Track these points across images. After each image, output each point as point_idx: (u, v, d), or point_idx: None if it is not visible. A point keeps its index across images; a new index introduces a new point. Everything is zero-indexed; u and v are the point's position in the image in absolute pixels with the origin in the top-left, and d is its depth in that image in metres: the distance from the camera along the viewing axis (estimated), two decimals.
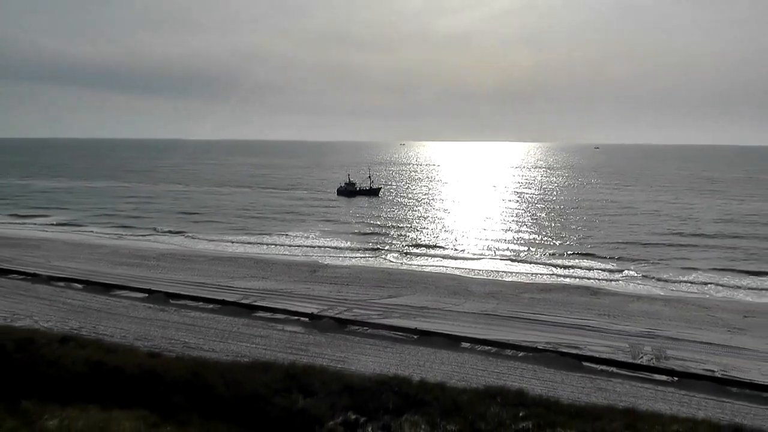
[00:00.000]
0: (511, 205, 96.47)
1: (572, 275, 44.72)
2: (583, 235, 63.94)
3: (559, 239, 61.33)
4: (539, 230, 67.60)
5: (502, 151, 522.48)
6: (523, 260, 50.72)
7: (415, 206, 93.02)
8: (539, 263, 49.54)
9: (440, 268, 47.13)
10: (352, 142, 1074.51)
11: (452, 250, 55.90)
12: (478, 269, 46.34)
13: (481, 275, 43.76)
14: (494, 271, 45.83)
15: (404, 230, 67.34)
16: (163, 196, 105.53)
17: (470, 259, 51.51)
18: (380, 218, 77.41)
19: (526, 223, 74.81)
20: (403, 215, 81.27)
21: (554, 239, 61.41)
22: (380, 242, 59.03)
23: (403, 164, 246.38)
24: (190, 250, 53.31)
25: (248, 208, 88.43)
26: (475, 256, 52.87)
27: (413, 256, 52.92)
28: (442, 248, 56.66)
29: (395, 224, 72.03)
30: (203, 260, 46.22)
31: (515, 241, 60.99)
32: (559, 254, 53.09)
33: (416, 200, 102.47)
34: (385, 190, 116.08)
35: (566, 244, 58.63)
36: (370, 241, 59.75)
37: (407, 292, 35.80)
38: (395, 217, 79.51)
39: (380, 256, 52.43)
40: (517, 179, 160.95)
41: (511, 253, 54.15)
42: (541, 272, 46.04)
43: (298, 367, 17.13)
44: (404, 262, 49.91)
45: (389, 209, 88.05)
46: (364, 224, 71.46)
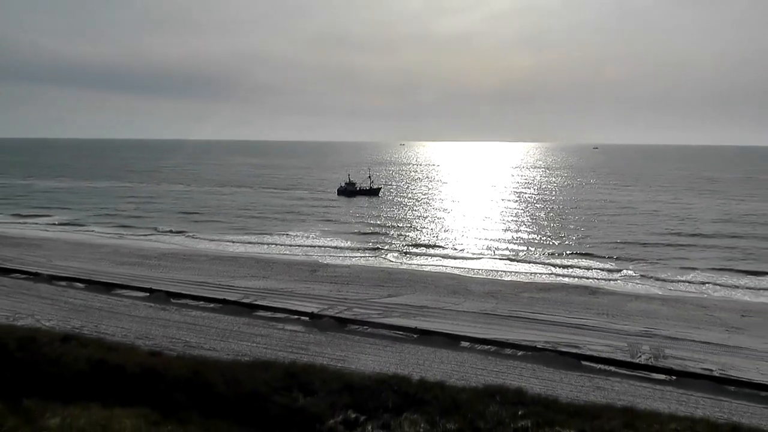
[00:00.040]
0: (510, 205, 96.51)
1: (571, 275, 44.80)
2: (581, 234, 64.00)
3: (558, 239, 61.41)
4: (538, 230, 67.68)
5: (501, 151, 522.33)
6: (522, 260, 50.83)
7: (414, 206, 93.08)
8: (538, 263, 49.64)
9: (440, 267, 47.21)
10: (352, 142, 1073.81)
11: (452, 249, 55.98)
12: (477, 269, 46.43)
13: (480, 275, 43.82)
14: (493, 270, 45.92)
15: (404, 230, 67.41)
16: (164, 196, 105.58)
17: (470, 258, 51.62)
18: (380, 218, 77.48)
19: (525, 222, 74.88)
20: (402, 215, 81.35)
21: (553, 239, 61.49)
22: (380, 242, 59.11)
23: (403, 164, 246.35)
24: (191, 249, 53.37)
25: (249, 207, 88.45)
26: (474, 255, 52.96)
27: (413, 255, 53.02)
28: (441, 248, 56.74)
29: (395, 224, 72.13)
30: (204, 260, 46.29)
31: (514, 240, 61.07)
32: (558, 254, 53.17)
33: (416, 200, 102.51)
34: (385, 190, 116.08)
35: (565, 243, 58.71)
36: (370, 240, 59.83)
37: (407, 291, 35.87)
38: (395, 216, 79.59)
39: (380, 255, 52.52)
40: (516, 179, 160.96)
41: (510, 252, 54.24)
42: (540, 272, 46.15)
43: (298, 365, 17.20)
44: (404, 261, 50.00)
45: (389, 209, 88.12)
46: (364, 224, 71.54)
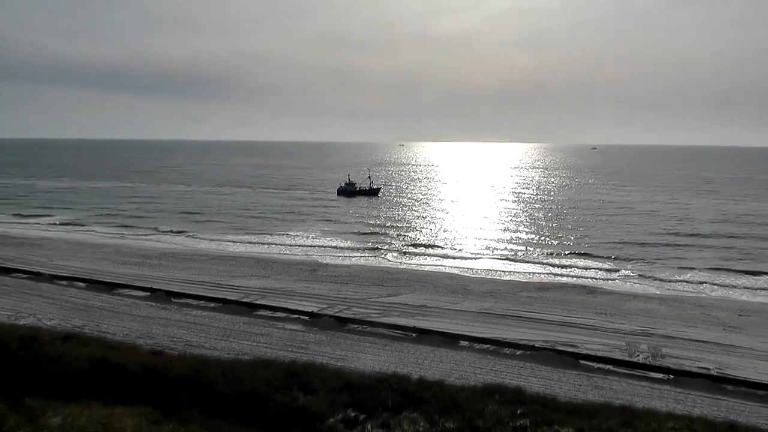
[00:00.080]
0: (509, 205, 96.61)
1: (569, 274, 44.93)
2: (580, 234, 64.12)
3: (556, 239, 61.51)
4: (537, 230, 67.79)
5: (500, 151, 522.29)
6: (520, 259, 50.94)
7: (414, 206, 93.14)
8: (537, 262, 49.75)
9: (439, 267, 47.31)
10: (352, 142, 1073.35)
11: (451, 249, 56.07)
12: (476, 268, 46.54)
13: (479, 274, 43.94)
14: (492, 270, 46.02)
15: (403, 230, 67.51)
16: (165, 196, 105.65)
17: (469, 258, 51.72)
18: (380, 218, 77.58)
19: (523, 222, 74.97)
20: (402, 215, 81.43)
21: (551, 239, 61.61)
22: (380, 242, 59.20)
23: (402, 165, 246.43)
24: (191, 249, 53.45)
25: (249, 208, 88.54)
26: (473, 255, 53.06)
27: (412, 255, 53.12)
28: (440, 248, 56.83)
29: (394, 224, 72.23)
30: (205, 259, 46.40)
31: (513, 240, 61.17)
32: (556, 254, 53.29)
33: (415, 200, 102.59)
34: (384, 190, 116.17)
35: (563, 243, 58.82)
36: (369, 240, 59.93)
37: (406, 290, 35.98)
38: (394, 216, 79.67)
39: (380, 255, 52.61)
40: (515, 179, 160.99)
41: (508, 252, 54.36)
42: (538, 271, 46.27)
43: (298, 364, 17.25)
44: (403, 261, 50.10)
45: (389, 209, 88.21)
46: (363, 224, 71.64)
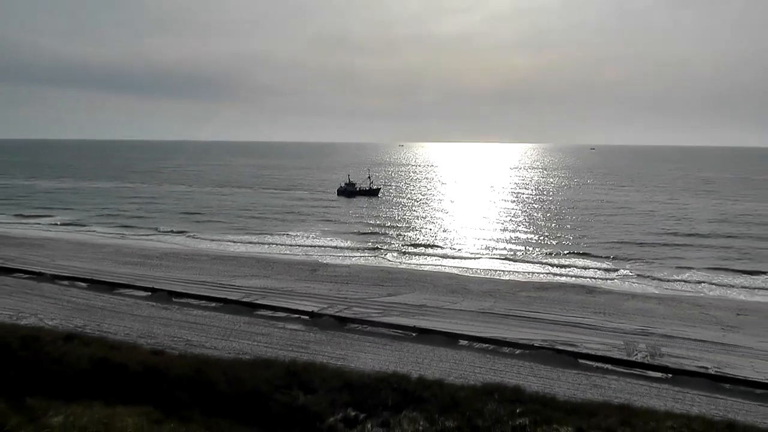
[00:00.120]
0: (508, 205, 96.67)
1: (568, 274, 45.03)
2: (578, 234, 64.20)
3: (555, 239, 61.60)
4: (536, 230, 67.88)
5: (500, 152, 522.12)
6: (519, 259, 51.03)
7: (413, 206, 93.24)
8: (536, 262, 49.85)
9: (438, 267, 47.38)
10: (352, 143, 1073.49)
11: (450, 249, 56.16)
12: (475, 268, 46.63)
13: (478, 274, 44.04)
14: (492, 270, 46.12)
15: (403, 230, 67.59)
16: (166, 196, 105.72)
17: (468, 258, 51.80)
18: (379, 218, 77.64)
19: (522, 223, 75.04)
20: (402, 215, 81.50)
21: (550, 239, 61.70)
22: (379, 242, 59.29)
23: (402, 165, 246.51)
24: (192, 249, 53.52)
25: (250, 208, 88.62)
26: (472, 255, 53.15)
27: (412, 255, 53.20)
28: (440, 247, 56.92)
29: (394, 224, 72.31)
30: (205, 259, 46.47)
31: (512, 240, 61.25)
32: (555, 253, 53.37)
33: (415, 200, 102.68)
34: (384, 190, 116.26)
35: (562, 243, 58.91)
36: (369, 240, 60.01)
37: (406, 290, 36.06)
38: (394, 217, 79.74)
39: (379, 255, 52.69)
40: (514, 180, 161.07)
41: (508, 252, 54.44)
42: (537, 271, 46.36)
43: (298, 364, 17.31)
44: (403, 261, 50.18)
45: (388, 209, 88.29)
46: (363, 224, 71.73)
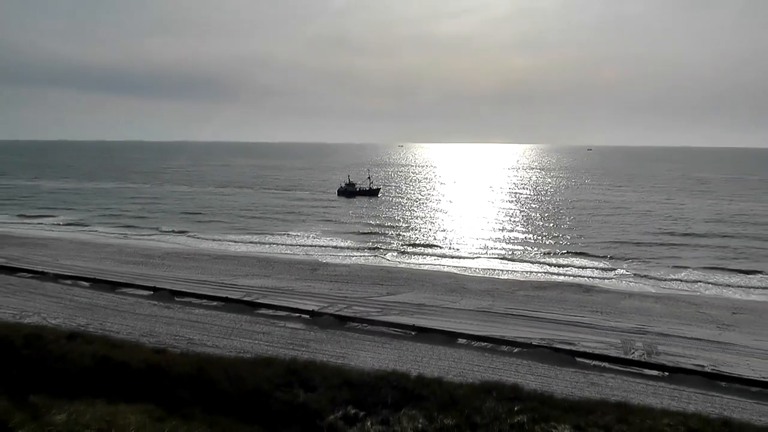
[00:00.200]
0: (506, 205, 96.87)
1: (566, 273, 45.24)
2: (576, 234, 64.37)
3: (553, 238, 61.80)
4: (534, 230, 68.06)
5: (498, 152, 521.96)
6: (518, 259, 51.23)
7: (413, 206, 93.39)
8: (534, 262, 50.04)
9: (437, 266, 47.56)
10: (352, 143, 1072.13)
11: (449, 248, 56.36)
12: (474, 267, 46.83)
13: (477, 273, 44.23)
14: (490, 269, 46.32)
15: (402, 230, 67.76)
16: (168, 196, 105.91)
17: (467, 257, 51.98)
18: (379, 218, 77.79)
19: (521, 222, 75.26)
20: (401, 215, 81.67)
21: (548, 238, 61.89)
22: (379, 241, 59.48)
23: (402, 165, 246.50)
24: (194, 249, 53.71)
25: (250, 208, 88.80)
26: (471, 254, 53.33)
27: (411, 254, 53.39)
28: (439, 247, 57.12)
29: (394, 224, 72.48)
30: (207, 259, 46.65)
31: (510, 240, 61.45)
32: (553, 253, 53.56)
33: (415, 201, 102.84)
34: (384, 190, 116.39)
35: (560, 243, 59.09)
36: (369, 240, 60.20)
37: (405, 289, 36.24)
38: (394, 216, 79.91)
39: (379, 254, 52.87)
40: (512, 180, 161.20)
41: (506, 252, 54.64)
42: (535, 270, 46.56)
43: (299, 362, 17.36)
44: (402, 260, 50.37)
45: (388, 209, 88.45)
46: (363, 224, 71.89)
